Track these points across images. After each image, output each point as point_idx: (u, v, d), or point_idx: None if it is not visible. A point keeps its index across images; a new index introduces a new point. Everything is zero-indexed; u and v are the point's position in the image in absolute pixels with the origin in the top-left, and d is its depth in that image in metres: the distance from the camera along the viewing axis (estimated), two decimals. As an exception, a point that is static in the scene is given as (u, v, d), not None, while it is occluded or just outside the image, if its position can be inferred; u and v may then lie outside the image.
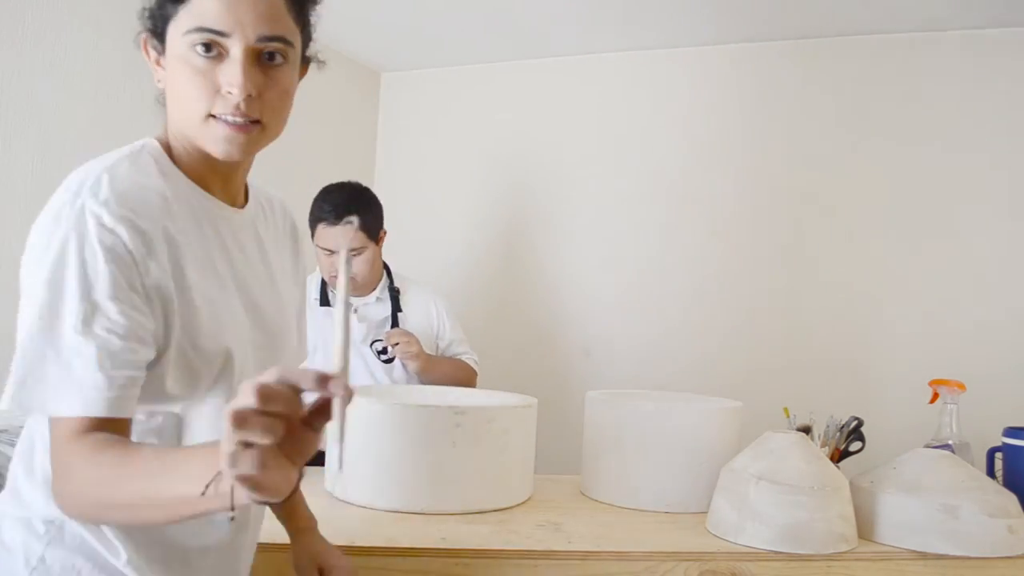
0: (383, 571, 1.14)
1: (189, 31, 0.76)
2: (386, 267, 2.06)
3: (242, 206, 0.91)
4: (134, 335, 0.72)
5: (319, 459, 0.55)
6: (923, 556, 1.21)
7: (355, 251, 1.87)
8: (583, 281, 2.66)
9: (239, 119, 0.77)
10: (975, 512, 1.21)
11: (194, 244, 0.81)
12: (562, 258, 2.70)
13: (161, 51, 0.81)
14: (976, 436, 1.58)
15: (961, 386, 1.60)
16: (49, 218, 0.73)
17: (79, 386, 0.70)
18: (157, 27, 0.80)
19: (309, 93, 0.96)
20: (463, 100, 2.86)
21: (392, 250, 2.09)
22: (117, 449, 0.69)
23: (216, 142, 0.78)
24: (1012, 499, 1.25)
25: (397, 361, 1.96)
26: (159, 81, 0.83)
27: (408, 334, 1.92)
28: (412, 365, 1.92)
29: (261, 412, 0.52)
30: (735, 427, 1.50)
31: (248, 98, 0.76)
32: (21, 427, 0.84)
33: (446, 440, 1.33)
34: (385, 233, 1.99)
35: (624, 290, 2.59)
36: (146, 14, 0.81)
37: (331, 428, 0.53)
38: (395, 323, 1.99)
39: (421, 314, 2.05)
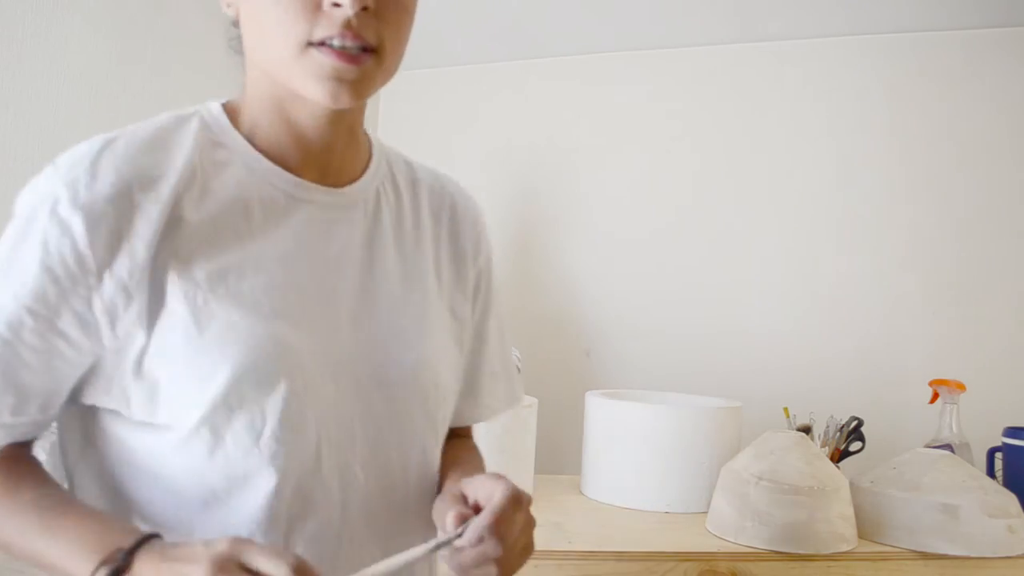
0: (383, 571, 1.13)
1: None
2: None
3: (350, 182, 0.68)
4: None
5: None
6: (923, 556, 1.21)
7: None
8: (583, 281, 2.66)
9: (349, 43, 0.56)
10: (975, 512, 1.21)
11: (228, 235, 0.60)
12: (561, 258, 2.70)
13: None
14: (976, 436, 1.58)
15: (961, 386, 1.60)
16: (27, 187, 0.63)
17: None
18: None
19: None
20: (463, 100, 2.86)
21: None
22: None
23: (318, 80, 0.57)
24: (1012, 499, 1.25)
25: None
26: (228, 5, 0.63)
27: None
28: None
29: None
30: (735, 427, 1.50)
31: (363, 12, 0.56)
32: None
33: (446, 440, 1.33)
34: None
35: (624, 290, 2.59)
36: None
37: None
38: None
39: None
